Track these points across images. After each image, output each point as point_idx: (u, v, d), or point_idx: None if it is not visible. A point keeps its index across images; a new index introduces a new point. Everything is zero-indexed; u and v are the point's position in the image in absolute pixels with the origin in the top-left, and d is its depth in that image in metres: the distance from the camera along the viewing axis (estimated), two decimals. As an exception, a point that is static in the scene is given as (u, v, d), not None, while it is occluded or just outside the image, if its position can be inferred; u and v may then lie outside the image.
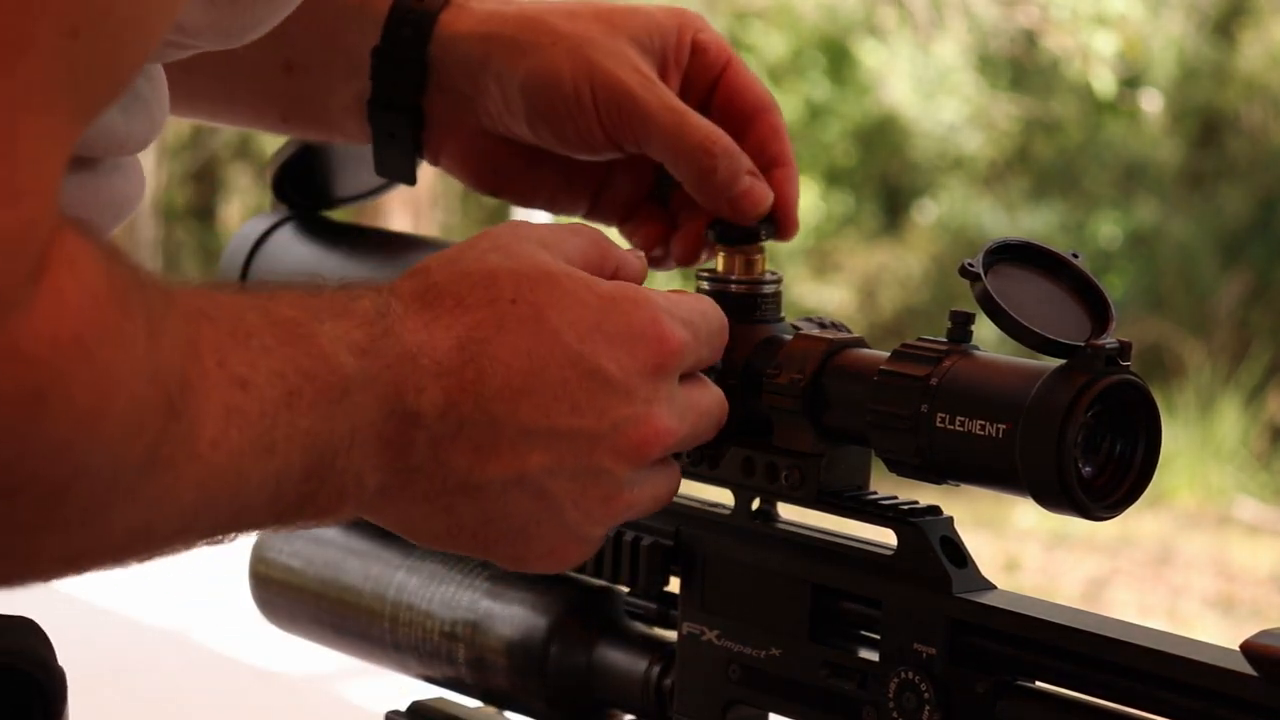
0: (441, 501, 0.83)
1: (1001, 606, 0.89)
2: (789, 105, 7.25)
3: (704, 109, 1.06)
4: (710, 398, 0.91)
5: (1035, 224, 7.24)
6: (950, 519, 0.93)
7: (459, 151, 1.10)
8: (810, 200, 7.06)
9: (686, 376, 0.89)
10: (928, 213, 7.56)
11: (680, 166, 1.01)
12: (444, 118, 1.08)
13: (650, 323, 0.85)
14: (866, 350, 0.94)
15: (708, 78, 1.06)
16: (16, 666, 0.86)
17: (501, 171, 1.10)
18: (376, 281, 0.83)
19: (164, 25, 0.67)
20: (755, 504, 0.99)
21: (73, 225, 0.62)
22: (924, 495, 0.95)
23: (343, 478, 0.78)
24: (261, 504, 0.75)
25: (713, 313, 0.92)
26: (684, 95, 1.06)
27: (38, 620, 0.88)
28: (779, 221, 1.02)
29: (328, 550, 1.16)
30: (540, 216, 2.23)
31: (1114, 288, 6.41)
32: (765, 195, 1.00)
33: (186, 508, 0.70)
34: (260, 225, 1.20)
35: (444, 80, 1.06)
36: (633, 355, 0.85)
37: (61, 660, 0.89)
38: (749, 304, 0.98)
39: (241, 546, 0.91)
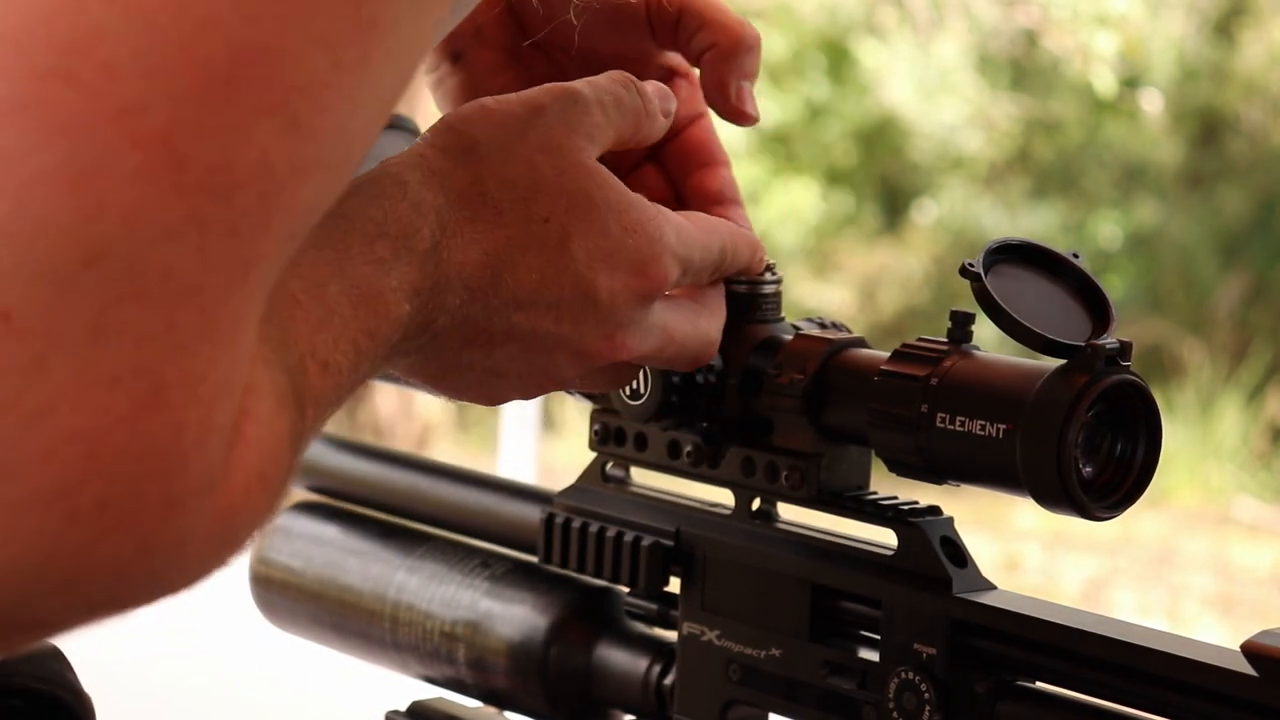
0: (431, 370, 0.88)
1: (1001, 606, 0.89)
2: (789, 105, 7.25)
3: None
4: (686, 326, 0.93)
5: (1035, 224, 7.24)
6: (950, 519, 0.93)
7: None
8: (810, 200, 7.06)
9: (676, 300, 0.93)
10: (928, 213, 7.55)
11: (722, 34, 1.00)
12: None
13: (652, 259, 0.89)
14: (867, 350, 0.94)
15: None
16: (53, 693, 0.88)
17: None
18: (432, 171, 0.84)
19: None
20: (755, 504, 0.99)
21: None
22: (924, 495, 0.95)
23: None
24: None
25: (712, 244, 0.93)
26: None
27: None
28: None
29: (328, 550, 1.16)
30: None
31: (1114, 288, 6.42)
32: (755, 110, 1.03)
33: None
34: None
35: None
36: (626, 285, 0.88)
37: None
38: (749, 304, 0.98)
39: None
